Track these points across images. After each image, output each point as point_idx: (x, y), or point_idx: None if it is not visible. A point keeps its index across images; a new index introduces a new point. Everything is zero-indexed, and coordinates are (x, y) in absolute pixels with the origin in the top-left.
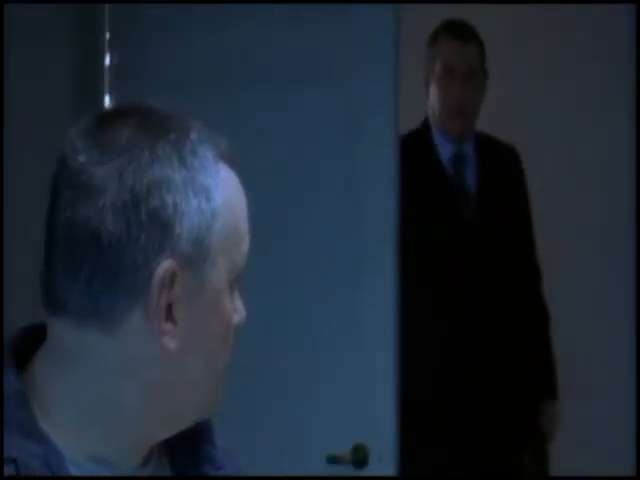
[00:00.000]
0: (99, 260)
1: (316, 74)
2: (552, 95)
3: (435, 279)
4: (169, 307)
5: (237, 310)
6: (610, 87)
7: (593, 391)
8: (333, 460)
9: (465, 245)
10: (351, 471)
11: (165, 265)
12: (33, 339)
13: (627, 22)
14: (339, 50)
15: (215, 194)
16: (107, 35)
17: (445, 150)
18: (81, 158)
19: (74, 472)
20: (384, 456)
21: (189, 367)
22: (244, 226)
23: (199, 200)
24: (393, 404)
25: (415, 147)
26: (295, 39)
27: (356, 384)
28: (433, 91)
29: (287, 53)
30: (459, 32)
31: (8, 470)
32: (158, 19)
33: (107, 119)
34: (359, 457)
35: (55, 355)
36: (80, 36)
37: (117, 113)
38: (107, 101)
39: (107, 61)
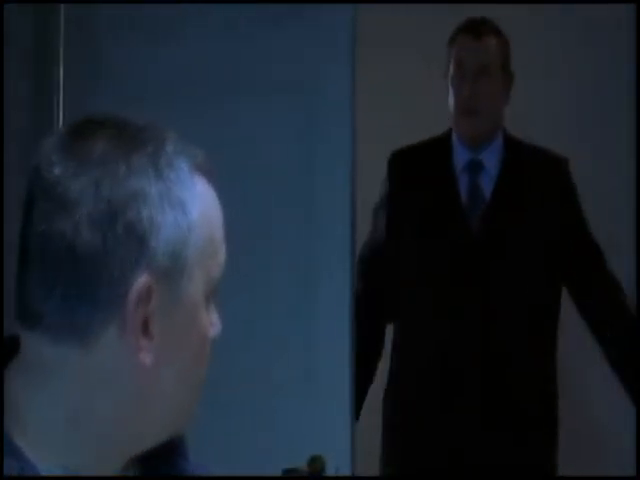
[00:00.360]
0: (75, 274)
1: (270, 83)
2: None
3: (433, 295)
4: (145, 322)
5: (213, 324)
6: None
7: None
8: (289, 472)
9: (465, 264)
10: None
11: (142, 280)
12: (5, 352)
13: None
14: (294, 53)
15: (191, 207)
16: (62, 36)
17: (460, 157)
18: (56, 170)
19: None
20: (341, 467)
21: (164, 382)
22: (220, 238)
23: (175, 213)
24: (349, 414)
25: (430, 153)
26: (242, 46)
27: (311, 395)
28: (450, 92)
29: (236, 60)
30: (473, 27)
31: None
32: (114, 19)
33: (82, 130)
34: (316, 468)
35: (29, 369)
36: (35, 37)
37: (92, 124)
38: (61, 101)
39: (61, 62)
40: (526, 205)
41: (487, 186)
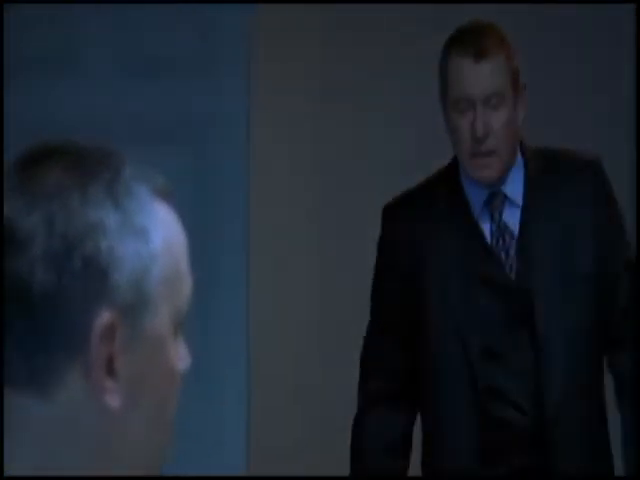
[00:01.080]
0: (31, 317)
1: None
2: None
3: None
4: (110, 361)
5: (181, 357)
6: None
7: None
8: None
9: (505, 312)
10: None
11: (104, 317)
12: None
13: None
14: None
15: (154, 235)
16: None
17: (477, 193)
18: (7, 207)
19: None
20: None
21: (133, 424)
22: (185, 267)
23: (136, 243)
24: (244, 415)
25: (441, 189)
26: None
27: (206, 396)
28: (451, 126)
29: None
30: (470, 44)
31: None
32: None
33: (31, 162)
34: None
35: None
36: None
37: (41, 154)
38: None
39: None
40: (560, 233)
41: (513, 219)
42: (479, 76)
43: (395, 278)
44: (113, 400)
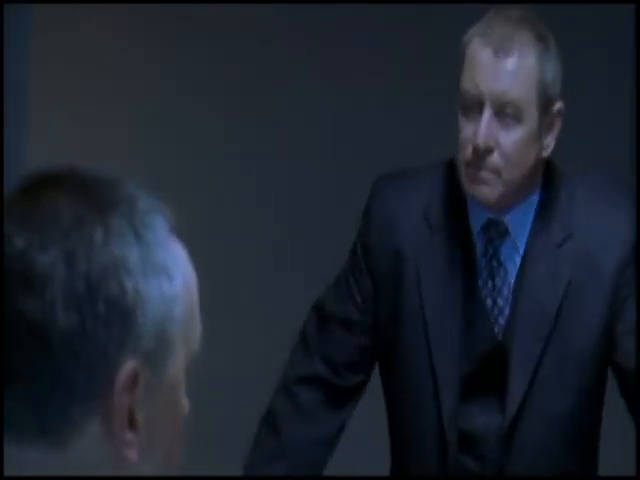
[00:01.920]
0: (46, 364)
1: None
2: None
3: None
4: (131, 413)
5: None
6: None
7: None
8: None
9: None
10: None
11: (129, 367)
12: None
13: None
14: None
15: (174, 273)
16: None
17: (476, 215)
18: (17, 243)
19: None
20: None
21: (145, 473)
22: (198, 306)
23: (159, 282)
24: None
25: (445, 187)
26: None
27: None
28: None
29: None
30: (495, 32)
31: None
32: None
33: (35, 190)
34: None
35: None
36: None
37: (45, 182)
38: None
39: None
40: (563, 296)
41: (511, 259)
42: (496, 73)
43: (377, 268)
44: (132, 454)
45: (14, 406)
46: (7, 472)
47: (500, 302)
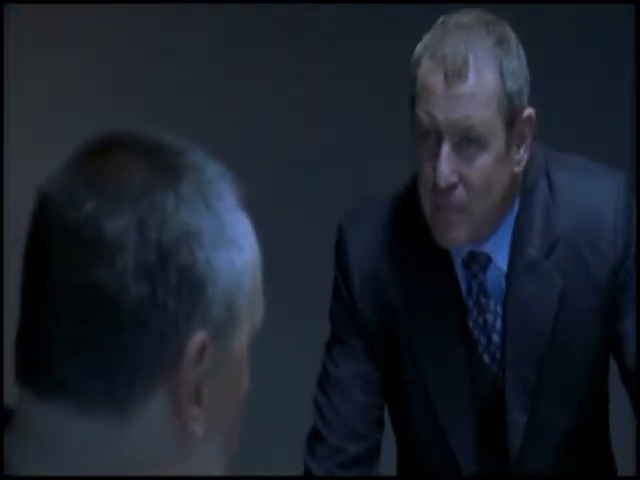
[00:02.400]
0: (116, 333)
1: None
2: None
3: None
4: (197, 386)
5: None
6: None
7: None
8: None
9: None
10: None
11: (198, 338)
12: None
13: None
14: None
15: (244, 244)
16: None
17: (455, 250)
18: (87, 208)
19: None
20: None
21: (208, 454)
22: (261, 282)
23: (230, 253)
24: None
25: (416, 220)
26: None
27: None
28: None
29: None
30: (442, 54)
31: None
32: None
33: (104, 155)
34: None
35: (43, 450)
36: None
37: (111, 146)
38: None
39: None
40: (558, 308)
41: (498, 289)
42: (451, 100)
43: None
44: (198, 429)
45: (82, 376)
46: (71, 445)
47: (496, 338)
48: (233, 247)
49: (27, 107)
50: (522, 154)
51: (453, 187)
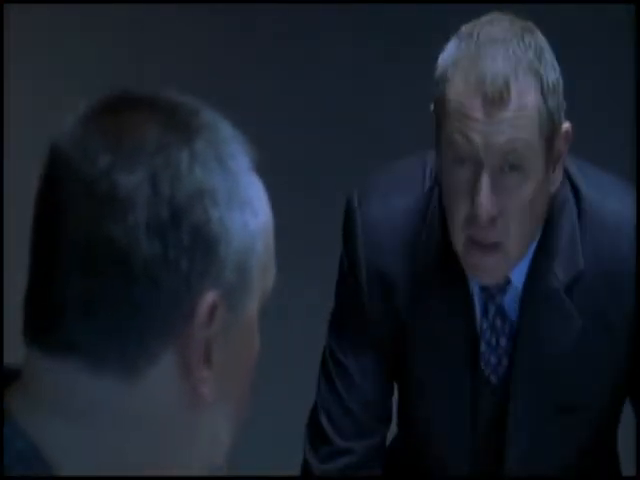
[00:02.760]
0: (127, 291)
1: None
2: None
3: None
4: (207, 348)
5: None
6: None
7: None
8: None
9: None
10: None
11: (209, 298)
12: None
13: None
14: None
15: (258, 207)
16: None
17: None
18: (101, 162)
19: None
20: None
21: (217, 418)
22: (273, 246)
23: (244, 215)
24: None
25: (435, 228)
26: None
27: None
28: (445, 188)
29: None
30: (482, 73)
31: None
32: None
33: (115, 110)
34: None
35: (42, 404)
36: None
37: (126, 103)
38: None
39: None
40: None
41: (512, 307)
42: (493, 125)
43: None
44: (207, 391)
45: (93, 334)
46: (79, 403)
47: (505, 360)
48: (247, 208)
49: (27, 107)
50: (557, 173)
51: (493, 221)
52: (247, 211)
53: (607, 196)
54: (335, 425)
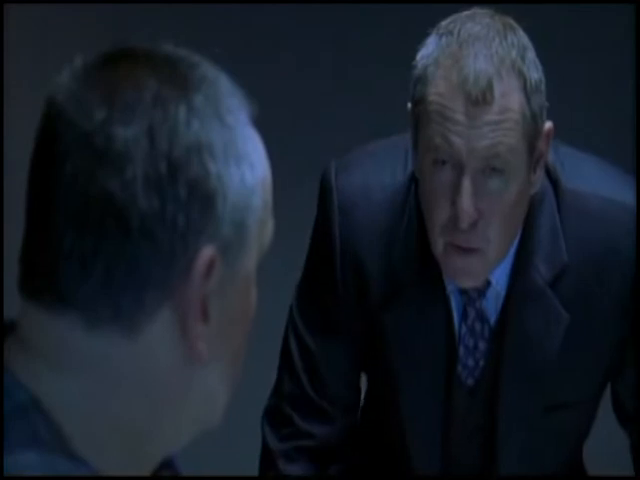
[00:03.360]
0: (123, 246)
1: None
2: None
3: None
4: (204, 304)
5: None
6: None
7: None
8: None
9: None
10: None
11: (207, 253)
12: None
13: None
14: None
15: (255, 162)
16: None
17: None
18: (98, 116)
19: None
20: None
21: (212, 375)
22: (271, 203)
23: (242, 170)
24: None
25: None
26: None
27: None
28: (422, 190)
29: None
30: (465, 71)
31: None
32: None
33: (113, 64)
34: None
35: (38, 357)
36: None
37: (123, 57)
38: None
39: None
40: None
41: (492, 309)
42: (476, 128)
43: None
44: (203, 347)
45: (89, 289)
46: (73, 359)
47: (482, 362)
48: (245, 163)
49: (27, 107)
50: (538, 174)
51: (474, 225)
52: (245, 166)
53: (587, 182)
54: (296, 409)
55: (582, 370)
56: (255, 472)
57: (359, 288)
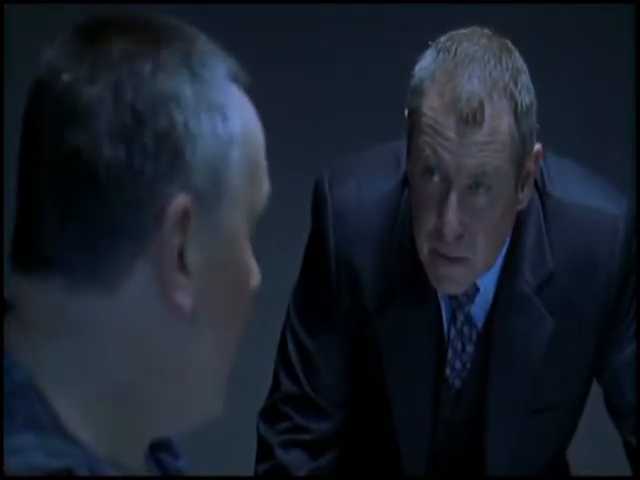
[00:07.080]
0: (95, 200)
1: None
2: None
3: None
4: (181, 253)
5: (253, 271)
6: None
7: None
8: None
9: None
10: None
11: (179, 200)
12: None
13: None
14: None
15: (231, 115)
16: None
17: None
18: (65, 77)
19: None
20: None
21: (201, 334)
22: (264, 163)
23: (214, 120)
24: None
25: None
26: None
27: None
28: (414, 197)
29: None
30: (457, 91)
31: None
32: None
33: (92, 30)
34: None
35: (34, 330)
36: None
37: (103, 23)
38: None
39: None
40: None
41: (479, 315)
42: (465, 147)
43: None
44: (185, 299)
45: (67, 249)
46: (63, 323)
47: (469, 364)
48: (217, 114)
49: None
50: (526, 192)
51: (460, 237)
52: (217, 116)
53: (573, 192)
54: (293, 406)
55: (567, 373)
56: (252, 472)
57: (353, 293)
